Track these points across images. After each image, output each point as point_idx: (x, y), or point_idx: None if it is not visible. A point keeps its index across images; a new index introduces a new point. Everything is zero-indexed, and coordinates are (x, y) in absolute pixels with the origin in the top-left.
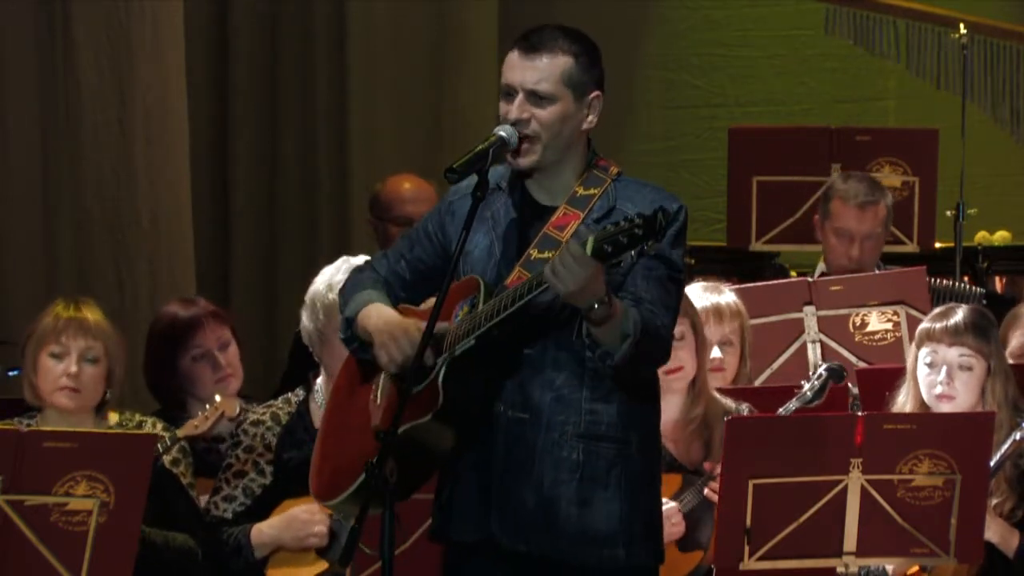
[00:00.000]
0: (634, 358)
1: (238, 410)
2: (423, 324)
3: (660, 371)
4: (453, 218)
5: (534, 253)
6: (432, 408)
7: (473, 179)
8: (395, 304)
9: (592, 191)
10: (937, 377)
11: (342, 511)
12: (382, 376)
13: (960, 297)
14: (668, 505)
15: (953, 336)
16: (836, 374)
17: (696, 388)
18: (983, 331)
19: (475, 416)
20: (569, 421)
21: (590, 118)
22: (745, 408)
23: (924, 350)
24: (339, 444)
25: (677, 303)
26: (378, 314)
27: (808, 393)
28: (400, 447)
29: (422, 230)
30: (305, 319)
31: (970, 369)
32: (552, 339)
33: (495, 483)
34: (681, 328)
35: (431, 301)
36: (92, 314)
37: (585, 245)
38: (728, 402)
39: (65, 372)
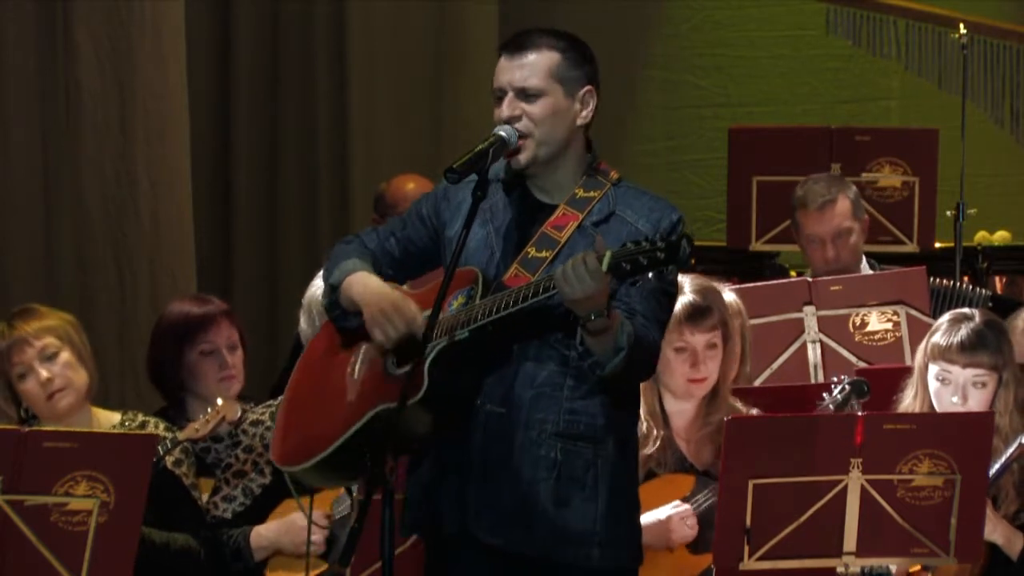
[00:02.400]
0: (625, 371)
1: (239, 414)
2: (409, 298)
3: (685, 379)
4: (449, 204)
5: (532, 251)
6: (415, 393)
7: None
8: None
9: (592, 194)
10: (951, 396)
11: (306, 479)
12: (362, 350)
13: (962, 299)
14: (683, 507)
15: (968, 356)
16: (859, 389)
17: (718, 394)
18: (995, 344)
19: (456, 407)
20: (548, 419)
21: (584, 113)
22: (755, 413)
23: (936, 367)
24: (308, 412)
25: (668, 317)
26: (364, 284)
27: (830, 406)
28: (376, 427)
29: (415, 212)
30: (303, 322)
31: (984, 386)
32: (537, 336)
33: (472, 477)
34: (715, 340)
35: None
36: (26, 326)
37: (602, 259)
38: (739, 406)
39: (40, 383)
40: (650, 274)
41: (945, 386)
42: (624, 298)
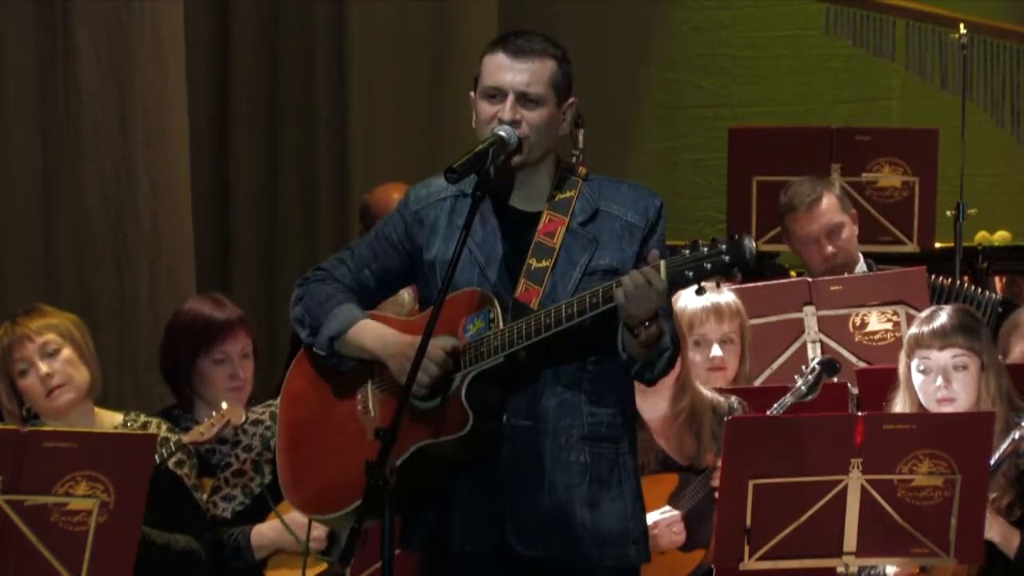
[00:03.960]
0: (668, 370)
1: (243, 419)
2: (435, 340)
3: None
4: (422, 227)
5: (533, 263)
6: (459, 426)
7: (437, 186)
8: None
9: (568, 193)
10: (934, 383)
11: (339, 525)
12: (368, 387)
13: (969, 301)
14: (672, 513)
15: (942, 339)
16: (829, 367)
17: (680, 382)
18: (971, 329)
19: (490, 429)
20: (574, 425)
21: (564, 124)
22: (735, 400)
23: (916, 359)
24: (324, 456)
25: (671, 308)
26: (377, 335)
27: (803, 388)
28: (413, 464)
29: (385, 240)
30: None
31: (965, 368)
32: (566, 355)
33: (505, 493)
34: None
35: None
36: (29, 323)
37: (659, 270)
38: (716, 396)
39: (40, 378)
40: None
41: (928, 376)
42: None
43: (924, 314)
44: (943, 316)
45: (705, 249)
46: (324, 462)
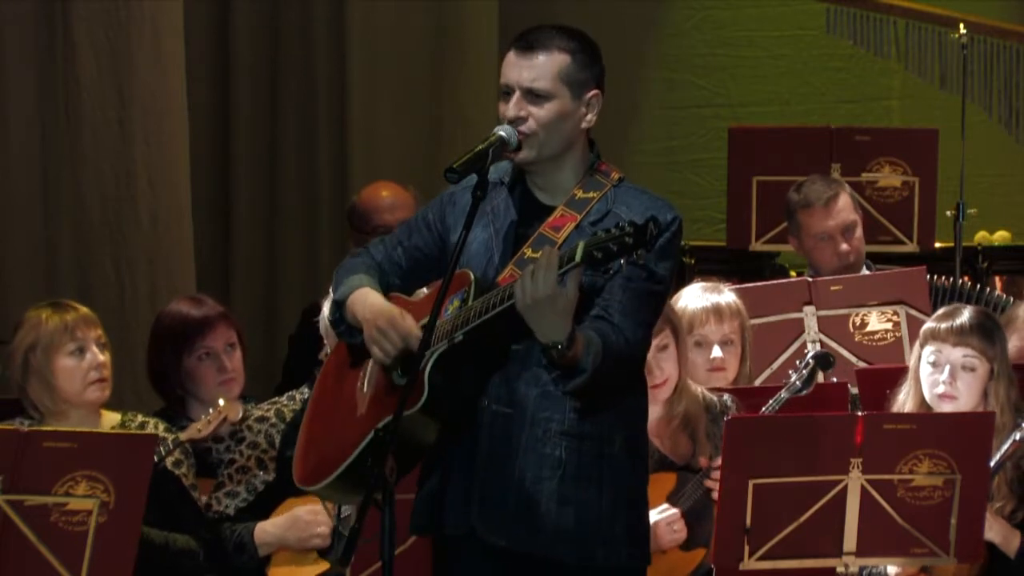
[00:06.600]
0: (589, 387)
1: (240, 414)
2: (407, 313)
3: (647, 387)
4: (453, 208)
5: (528, 252)
6: (415, 401)
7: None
8: (387, 291)
9: (591, 194)
10: (940, 376)
11: (325, 497)
12: (370, 364)
13: (976, 302)
14: (671, 511)
15: (958, 336)
16: (823, 361)
17: (678, 389)
18: (988, 333)
19: (460, 410)
20: (553, 418)
21: (589, 117)
22: (727, 398)
23: (928, 349)
24: (324, 430)
25: (654, 316)
26: (364, 301)
27: (797, 383)
28: (384, 440)
29: (422, 219)
30: (325, 309)
31: (973, 370)
32: (532, 335)
33: (477, 477)
34: (665, 340)
35: (422, 291)
36: (83, 308)
37: (575, 253)
38: (709, 395)
39: (92, 365)
40: (621, 261)
41: (935, 369)
42: (606, 296)
43: (945, 309)
44: (964, 315)
45: (616, 231)
46: (323, 436)
